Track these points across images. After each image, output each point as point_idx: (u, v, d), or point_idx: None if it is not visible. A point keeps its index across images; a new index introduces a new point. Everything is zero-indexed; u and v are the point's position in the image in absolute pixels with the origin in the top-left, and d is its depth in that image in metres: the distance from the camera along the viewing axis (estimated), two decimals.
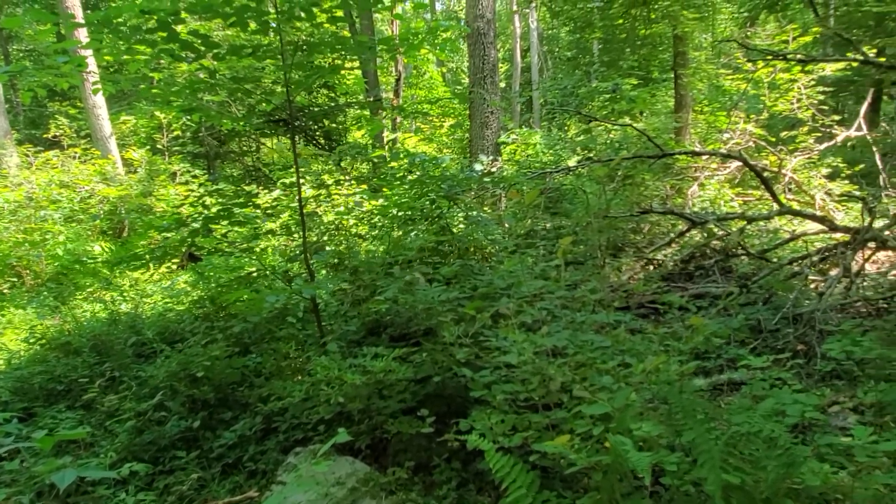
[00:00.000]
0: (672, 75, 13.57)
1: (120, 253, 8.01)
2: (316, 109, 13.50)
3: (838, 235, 6.97)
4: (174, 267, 7.15)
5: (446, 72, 23.80)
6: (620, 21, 12.57)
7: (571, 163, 12.28)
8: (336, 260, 6.22)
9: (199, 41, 3.57)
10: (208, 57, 3.66)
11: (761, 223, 7.91)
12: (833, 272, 6.47)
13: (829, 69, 11.51)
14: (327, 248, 6.42)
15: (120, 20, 3.33)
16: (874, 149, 10.26)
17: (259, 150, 15.88)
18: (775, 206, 6.92)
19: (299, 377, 4.59)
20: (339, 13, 3.97)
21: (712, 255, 7.57)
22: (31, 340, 5.19)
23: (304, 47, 4.00)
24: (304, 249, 4.12)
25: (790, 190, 9.83)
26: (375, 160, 13.26)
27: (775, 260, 6.88)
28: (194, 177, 9.73)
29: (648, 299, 6.89)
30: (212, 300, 5.42)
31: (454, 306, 3.64)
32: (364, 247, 7.21)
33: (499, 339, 3.60)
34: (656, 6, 9.70)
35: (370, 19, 13.61)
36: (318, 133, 14.66)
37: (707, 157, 10.20)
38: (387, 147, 14.13)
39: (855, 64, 12.48)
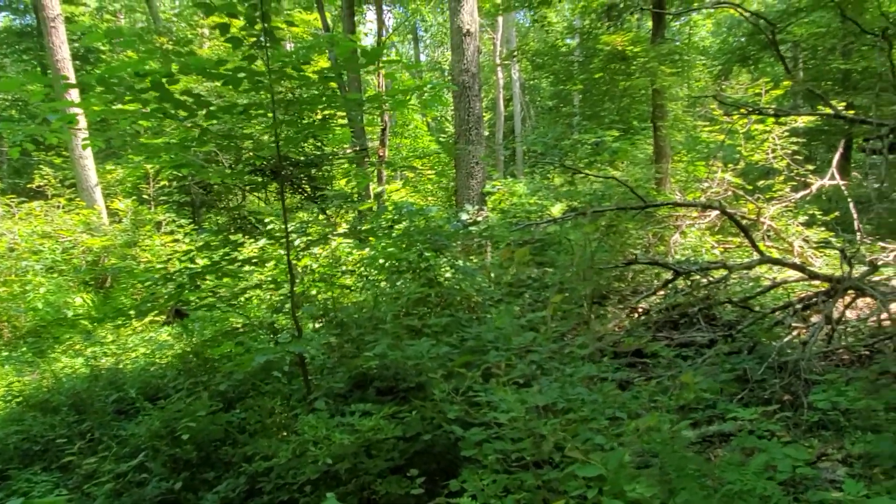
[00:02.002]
0: (651, 126, 13.97)
1: (101, 305, 7.90)
2: (303, 159, 13.63)
3: (818, 283, 7.10)
4: (158, 320, 7.06)
5: (431, 121, 24.22)
6: (600, 74, 12.98)
7: (555, 210, 12.46)
8: (322, 312, 6.19)
9: (192, 100, 3.62)
10: (201, 115, 3.72)
11: (743, 271, 8.04)
12: (815, 320, 6.56)
13: (802, 120, 11.90)
14: (316, 299, 6.39)
15: (113, 80, 3.39)
16: (848, 198, 10.55)
17: (245, 199, 15.91)
18: (755, 254, 7.05)
19: (285, 434, 4.51)
20: (330, 71, 4.06)
21: (696, 303, 7.65)
22: (8, 398, 5.05)
23: (295, 104, 4.08)
24: (291, 303, 4.11)
25: (769, 237, 10.02)
26: (362, 209, 13.34)
27: (758, 308, 6.96)
28: (180, 226, 9.70)
29: (636, 348, 6.92)
30: (196, 354, 5.34)
31: (443, 361, 3.62)
32: (351, 298, 7.18)
33: (489, 395, 3.59)
34: (635, 62, 10.03)
35: (358, 73, 13.90)
36: (304, 182, 14.74)
37: (689, 207, 10.43)
38: (373, 198, 14.24)
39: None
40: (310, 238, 6.34)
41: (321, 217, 10.89)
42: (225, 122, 5.36)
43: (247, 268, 6.45)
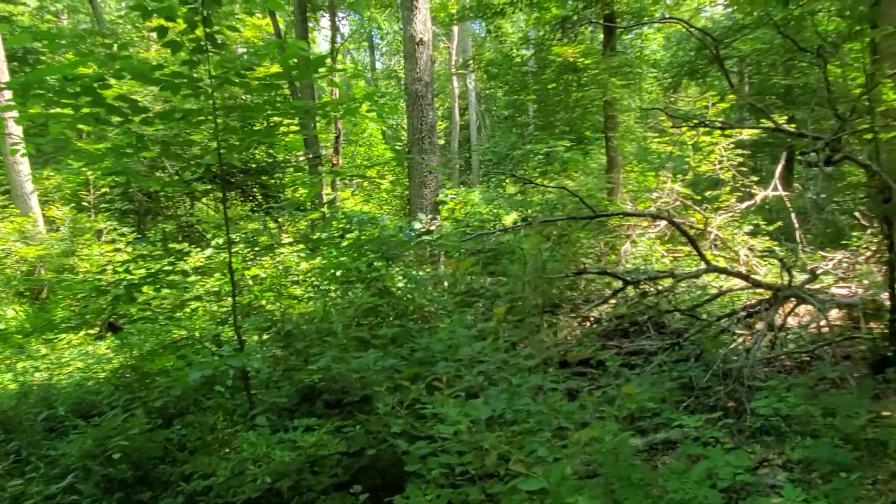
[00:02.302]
0: (603, 136, 14.22)
1: (36, 317, 7.53)
2: (253, 167, 13.38)
3: (761, 291, 7.30)
4: (94, 334, 6.76)
5: (386, 129, 24.13)
6: (553, 85, 13.15)
7: (509, 219, 12.53)
8: (269, 324, 6.04)
9: (127, 105, 3.48)
10: (137, 121, 3.58)
11: (691, 280, 8.22)
12: (759, 327, 6.74)
13: (747, 133, 12.29)
14: (264, 310, 6.23)
15: (42, 87, 3.23)
16: (790, 208, 10.94)
17: (193, 206, 15.52)
18: (702, 263, 7.21)
19: (226, 451, 4.36)
20: (275, 78, 3.97)
21: (646, 311, 7.78)
22: None
23: (237, 110, 3.97)
24: (234, 315, 3.98)
25: (716, 246, 10.29)
26: (320, 216, 13.16)
27: (705, 316, 7.11)
28: (122, 235, 9.36)
29: (586, 356, 6.97)
30: (134, 369, 5.13)
31: (390, 374, 3.55)
32: (299, 308, 7.04)
33: (435, 407, 3.54)
34: (586, 73, 10.19)
35: (308, 80, 13.74)
36: (254, 189, 14.48)
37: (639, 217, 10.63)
38: (326, 206, 14.07)
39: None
40: (257, 248, 6.20)
41: (272, 226, 10.68)
42: (172, 127, 5.20)
43: (192, 278, 6.26)
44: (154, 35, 17.15)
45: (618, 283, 6.76)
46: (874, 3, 7.54)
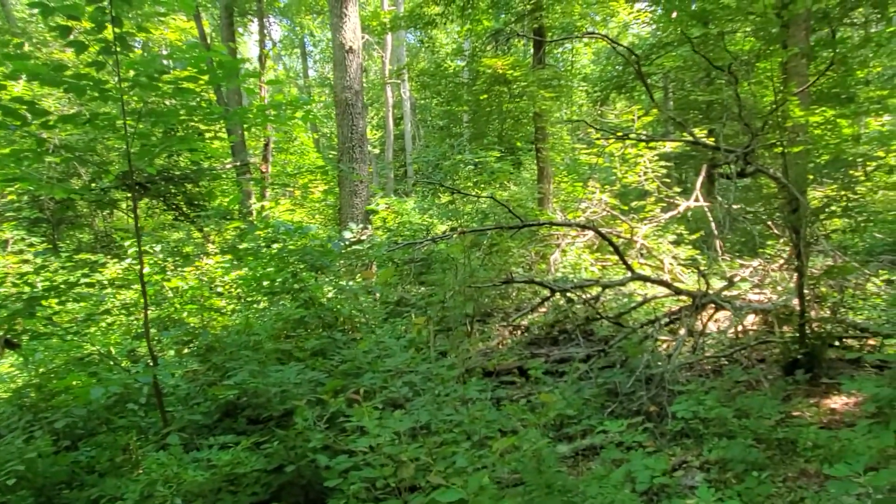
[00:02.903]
0: (534, 148, 14.48)
1: None
2: (177, 174, 12.89)
3: (684, 298, 7.57)
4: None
5: (318, 137, 23.81)
6: (484, 96, 13.32)
7: (441, 229, 12.55)
8: (189, 338, 5.80)
9: (25, 107, 3.27)
10: (36, 124, 3.36)
11: (618, 288, 8.44)
12: (680, 333, 6.97)
13: (670, 146, 12.80)
14: (185, 323, 5.98)
15: None
16: (710, 218, 11.44)
17: (112, 214, 14.80)
18: (628, 272, 7.42)
19: (138, 473, 4.13)
20: (190, 81, 3.83)
21: (573, 319, 7.92)
22: None
23: (148, 116, 3.79)
24: (145, 329, 3.78)
25: (642, 255, 10.62)
26: (243, 226, 12.78)
27: (630, 323, 7.31)
28: (30, 245, 8.77)
29: (514, 365, 7.03)
30: (38, 388, 4.80)
31: (312, 387, 3.45)
32: (222, 321, 6.80)
33: (356, 420, 3.46)
34: (515, 85, 10.35)
35: (224, 85, 13.38)
36: (178, 198, 13.96)
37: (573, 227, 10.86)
38: (255, 215, 13.71)
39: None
40: (178, 258, 5.95)
41: (196, 235, 10.30)
42: (87, 132, 4.91)
43: (107, 290, 5.94)
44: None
45: (546, 292, 6.85)
46: (783, 26, 8.01)
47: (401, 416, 2.90)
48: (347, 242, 7.45)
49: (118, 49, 3.59)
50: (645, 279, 7.24)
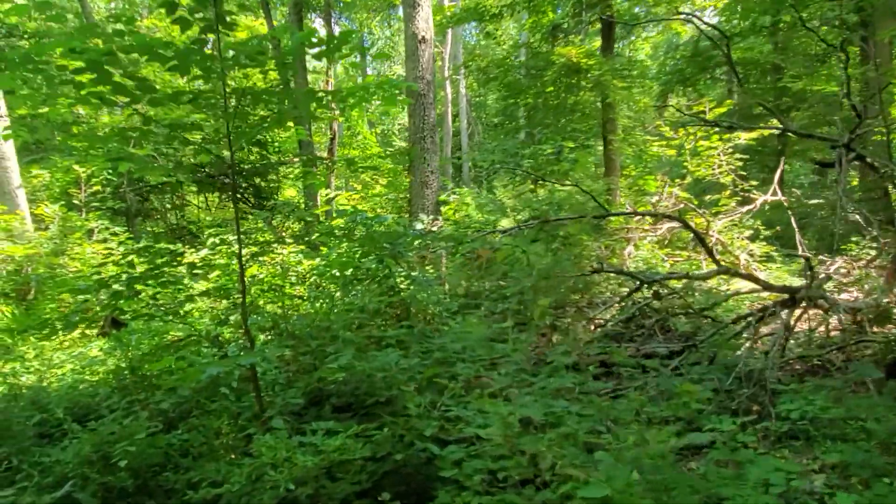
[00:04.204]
0: (599, 141, 14.11)
1: (24, 318, 7.19)
2: (248, 166, 13.09)
3: (767, 294, 7.19)
4: (90, 333, 6.44)
5: (378, 133, 23.91)
6: (551, 88, 13.04)
7: (506, 223, 12.35)
8: (271, 324, 5.79)
9: (134, 84, 3.25)
10: (141, 103, 3.34)
11: (697, 283, 8.08)
12: (768, 330, 6.60)
13: (744, 138, 12.27)
14: (264, 311, 5.98)
15: (44, 59, 2.98)
16: (790, 213, 10.89)
17: (184, 208, 15.18)
18: (704, 266, 7.10)
19: (233, 456, 4.11)
20: (286, 55, 3.76)
21: (652, 314, 7.62)
22: None
23: (249, 95, 3.74)
24: (243, 312, 3.74)
25: (716, 251, 10.18)
26: (309, 219, 12.88)
27: (718, 318, 6.96)
28: (114, 234, 9.03)
29: (596, 360, 6.80)
30: (132, 370, 4.85)
31: (412, 374, 3.33)
32: (300, 309, 6.79)
33: (462, 409, 3.32)
34: (589, 74, 10.06)
35: (304, 78, 13.53)
36: (248, 191, 14.21)
37: (638, 218, 10.51)
38: (321, 204, 13.82)
39: (767, 133, 13.42)
40: (258, 245, 5.96)
41: (264, 227, 10.41)
42: (170, 112, 4.93)
43: (186, 280, 6.00)
44: (144, 14, 16.80)
45: (632, 284, 6.58)
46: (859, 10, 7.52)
47: (518, 405, 2.74)
48: (421, 232, 7.36)
49: (219, 27, 3.55)
50: (733, 273, 6.90)
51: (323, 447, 2.83)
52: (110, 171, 10.37)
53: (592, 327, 8.14)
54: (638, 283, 6.28)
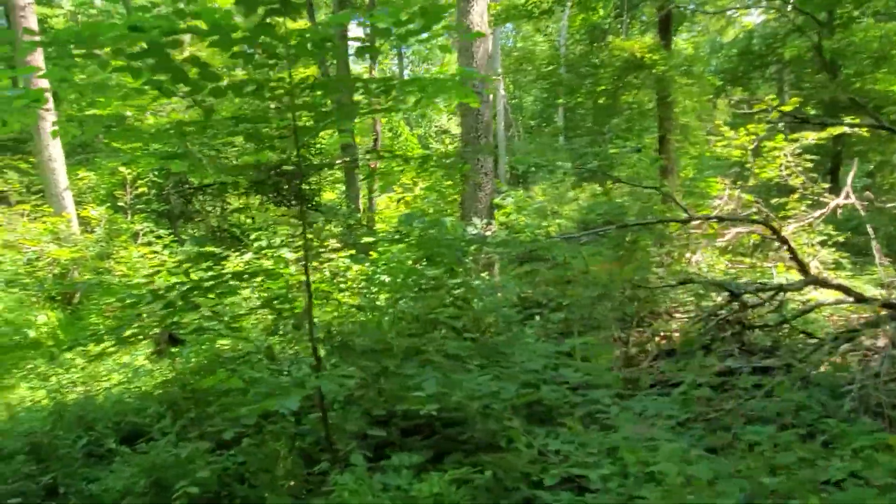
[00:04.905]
0: (649, 141, 13.50)
1: (69, 325, 6.98)
2: (289, 169, 12.85)
3: (845, 306, 6.59)
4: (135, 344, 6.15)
5: (421, 134, 23.56)
6: (602, 87, 12.49)
7: (552, 228, 11.83)
8: (326, 334, 5.41)
9: (197, 71, 2.87)
10: (206, 91, 2.97)
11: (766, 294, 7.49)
12: (880, 345, 5.98)
13: (813, 137, 11.57)
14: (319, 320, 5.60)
15: (99, 41, 2.62)
16: (865, 217, 10.16)
17: (224, 210, 15.03)
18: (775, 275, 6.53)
19: (291, 483, 3.72)
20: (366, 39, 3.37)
21: (728, 327, 7.05)
22: None
23: (314, 87, 3.35)
24: (310, 326, 3.35)
25: (786, 259, 9.54)
26: (353, 223, 12.57)
27: (807, 333, 6.37)
28: (158, 237, 8.82)
29: (664, 378, 6.28)
30: (182, 385, 4.52)
31: (509, 401, 2.88)
32: (354, 318, 6.42)
33: (559, 442, 2.87)
34: (653, 69, 9.51)
35: (347, 70, 13.22)
36: (288, 193, 14.00)
37: (698, 223, 9.91)
38: (363, 207, 13.52)
39: (836, 131, 12.67)
40: (312, 250, 5.60)
41: (309, 232, 10.10)
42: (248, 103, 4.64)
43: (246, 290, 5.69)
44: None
45: (716, 296, 6.04)
46: None
47: (665, 446, 2.27)
48: (478, 237, 6.92)
49: (285, 11, 3.16)
50: (823, 284, 6.30)
51: (415, 493, 2.39)
52: (156, 171, 10.23)
53: (657, 339, 7.61)
54: (729, 294, 5.72)
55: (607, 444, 2.88)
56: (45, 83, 7.79)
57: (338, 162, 13.47)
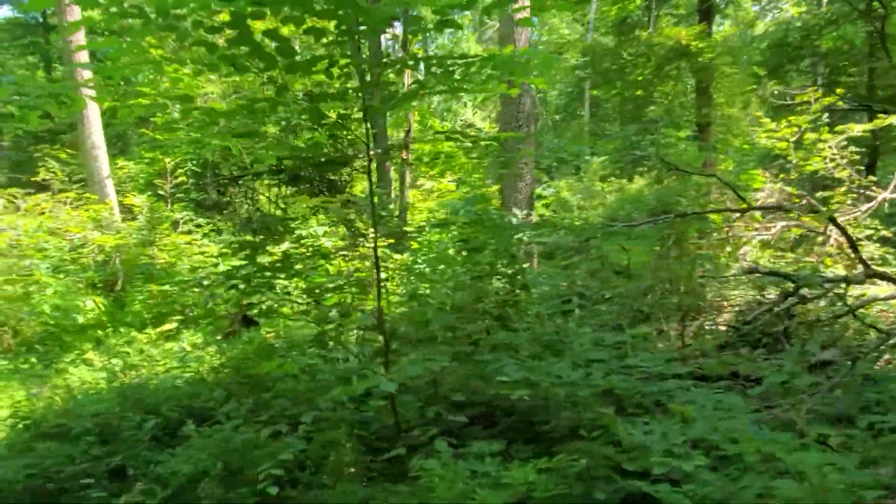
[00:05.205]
0: (689, 132, 13.24)
1: (116, 310, 7.02)
2: (322, 160, 12.82)
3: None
4: (179, 327, 6.15)
5: (453, 125, 23.34)
6: (641, 77, 12.25)
7: (591, 219, 11.65)
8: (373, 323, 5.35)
9: (274, 46, 2.80)
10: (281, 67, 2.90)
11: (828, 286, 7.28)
12: None
13: (860, 129, 11.27)
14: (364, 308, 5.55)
15: (179, 13, 2.56)
16: None
17: (256, 201, 15.08)
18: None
19: (352, 470, 3.66)
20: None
21: (778, 321, 6.87)
22: (14, 422, 4.14)
23: (385, 63, 3.27)
24: (378, 316, 3.27)
25: (833, 252, 9.30)
26: (385, 214, 12.50)
27: (875, 328, 6.16)
28: (198, 226, 8.84)
29: (734, 370, 6.14)
30: (237, 369, 4.48)
31: (597, 389, 2.78)
32: (398, 308, 6.36)
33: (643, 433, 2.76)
34: (700, 57, 9.28)
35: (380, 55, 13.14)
36: (320, 184, 14.00)
37: (739, 215, 9.69)
38: (395, 198, 13.44)
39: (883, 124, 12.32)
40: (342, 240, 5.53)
41: (362, 221, 10.08)
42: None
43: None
44: None
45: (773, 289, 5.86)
46: None
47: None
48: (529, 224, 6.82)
49: None
50: (886, 278, 6.09)
51: (507, 480, 2.30)
52: (194, 161, 10.26)
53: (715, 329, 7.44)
54: (793, 286, 5.56)
55: (690, 436, 2.77)
56: (88, 73, 7.82)
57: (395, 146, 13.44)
